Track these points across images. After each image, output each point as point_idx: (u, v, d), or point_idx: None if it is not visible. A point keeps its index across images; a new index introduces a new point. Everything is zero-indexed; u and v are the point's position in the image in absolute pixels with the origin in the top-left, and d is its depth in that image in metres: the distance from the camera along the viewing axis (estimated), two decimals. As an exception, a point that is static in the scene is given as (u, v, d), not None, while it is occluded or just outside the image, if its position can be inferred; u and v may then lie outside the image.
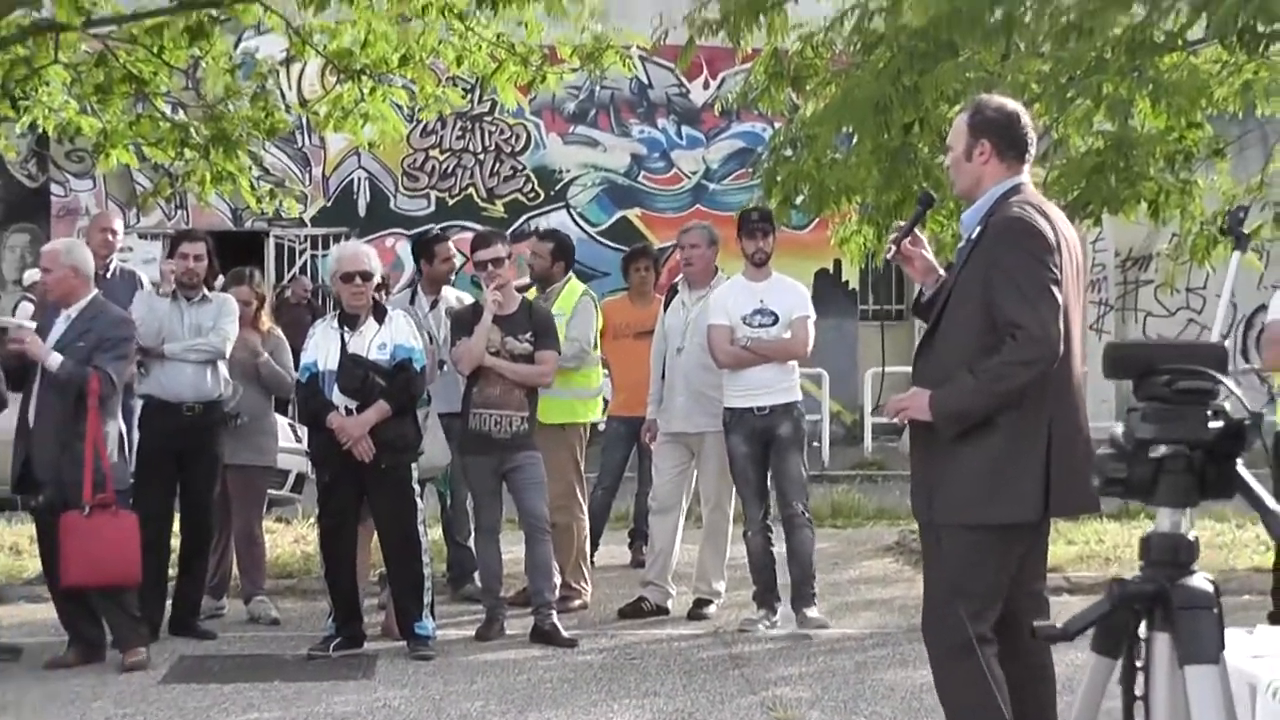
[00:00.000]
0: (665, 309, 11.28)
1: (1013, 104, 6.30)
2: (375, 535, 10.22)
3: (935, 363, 6.08)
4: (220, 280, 10.99)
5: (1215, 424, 3.07)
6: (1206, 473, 3.10)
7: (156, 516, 10.00)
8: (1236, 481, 3.07)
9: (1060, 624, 3.33)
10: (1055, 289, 5.83)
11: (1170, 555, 3.16)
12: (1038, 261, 5.85)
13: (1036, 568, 6.28)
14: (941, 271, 6.37)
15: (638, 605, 11.13)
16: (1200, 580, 3.14)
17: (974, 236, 6.04)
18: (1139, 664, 3.27)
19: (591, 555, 11.87)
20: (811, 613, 10.49)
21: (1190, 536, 3.17)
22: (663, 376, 11.16)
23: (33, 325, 9.53)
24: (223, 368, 10.54)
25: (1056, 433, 5.89)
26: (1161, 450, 3.10)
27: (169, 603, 10.49)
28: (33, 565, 11.42)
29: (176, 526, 10.62)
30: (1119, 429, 3.17)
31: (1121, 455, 3.15)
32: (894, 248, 6.38)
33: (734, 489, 10.92)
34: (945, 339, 6.07)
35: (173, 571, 10.73)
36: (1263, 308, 9.52)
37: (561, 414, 11.17)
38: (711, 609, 11.00)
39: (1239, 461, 3.09)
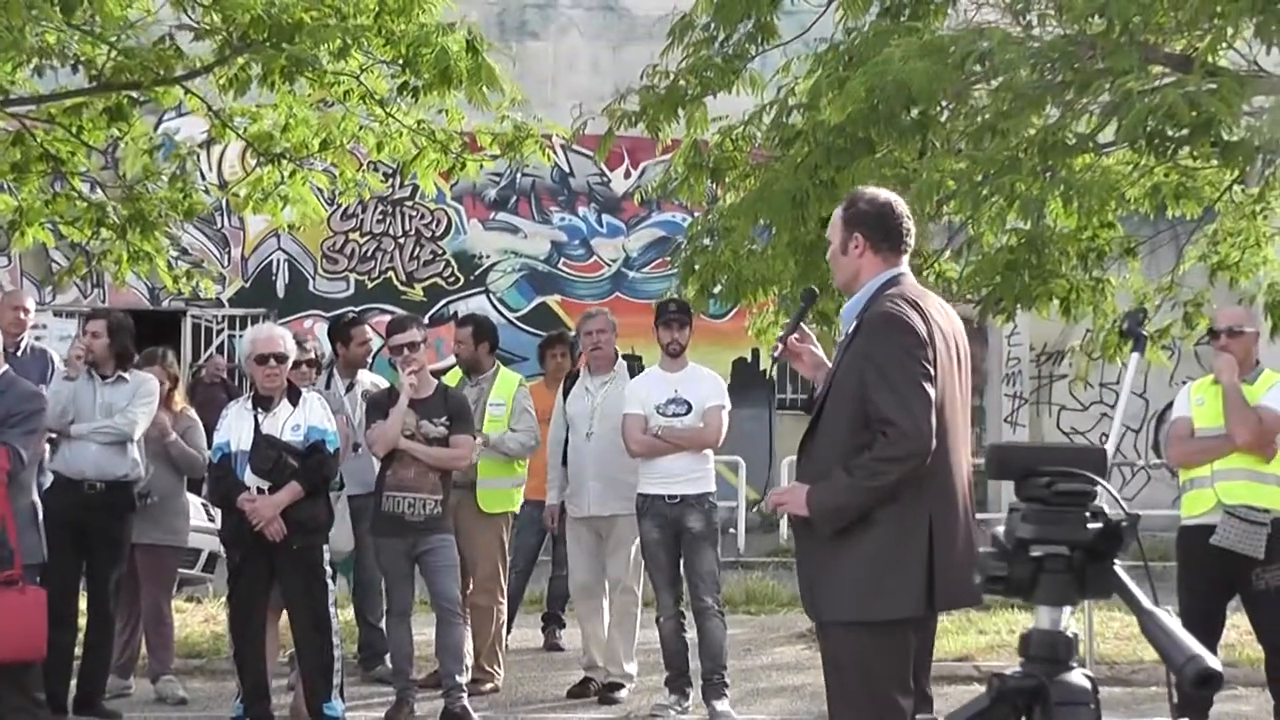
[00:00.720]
0: (565, 396, 11.35)
1: (886, 195, 6.26)
2: (285, 615, 10.20)
3: (815, 458, 6.01)
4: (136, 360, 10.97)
5: (1094, 525, 3.14)
6: (1085, 572, 3.16)
7: (60, 593, 9.88)
8: (1114, 581, 3.14)
9: (943, 717, 3.39)
10: (927, 384, 5.78)
11: (1049, 651, 3.22)
12: (909, 356, 5.80)
13: (923, 663, 6.23)
14: (829, 365, 6.31)
15: (584, 686, 11.28)
16: (1078, 676, 3.19)
17: (850, 330, 6.03)
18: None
19: (505, 638, 11.88)
20: (721, 705, 10.50)
21: (1069, 633, 3.24)
22: (563, 463, 11.24)
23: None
24: (133, 450, 10.51)
25: (938, 526, 5.82)
26: (1041, 550, 3.18)
27: (74, 681, 10.42)
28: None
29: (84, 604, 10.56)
30: (1000, 529, 3.24)
31: (1003, 554, 3.21)
32: (780, 345, 6.39)
33: (642, 572, 11.01)
34: (824, 434, 6.00)
35: (77, 650, 10.68)
36: (1171, 404, 9.69)
37: (499, 503, 11.27)
38: (623, 693, 11.04)
39: (1116, 561, 3.17)
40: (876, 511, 5.80)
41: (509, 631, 12.11)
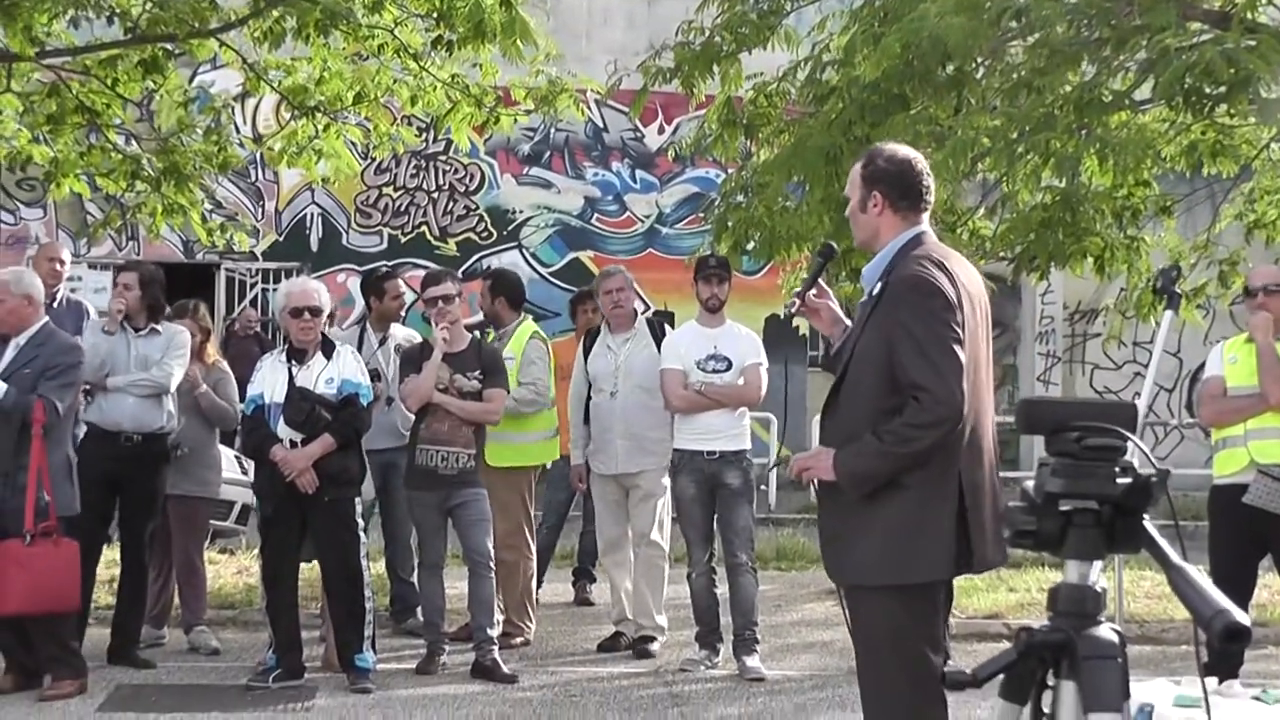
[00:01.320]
0: (585, 354, 11.35)
1: (906, 151, 6.16)
2: (317, 567, 10.26)
3: (840, 421, 5.94)
4: (168, 313, 11.00)
5: (1123, 480, 3.14)
6: (1114, 527, 3.16)
7: (87, 546, 9.92)
8: (1143, 536, 3.14)
9: (970, 670, 3.39)
10: (958, 349, 5.70)
11: (1077, 606, 3.22)
12: (940, 321, 5.71)
13: (944, 617, 6.26)
14: (848, 322, 6.26)
15: (614, 640, 11.33)
16: (1106, 630, 3.19)
17: (875, 292, 5.92)
18: (1045, 711, 3.32)
19: (536, 592, 11.92)
20: (751, 661, 10.51)
21: (1098, 588, 3.23)
22: (585, 420, 11.25)
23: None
24: (168, 402, 10.56)
25: (967, 489, 5.77)
26: (1070, 505, 3.17)
27: (107, 631, 10.49)
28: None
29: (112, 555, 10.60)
30: (1030, 483, 3.24)
31: (1032, 509, 3.20)
32: (797, 301, 6.32)
33: (666, 524, 11.06)
34: (849, 398, 5.92)
35: (111, 600, 10.75)
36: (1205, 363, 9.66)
37: (513, 458, 11.24)
38: (655, 645, 11.07)
39: (1145, 516, 3.16)
40: (906, 475, 5.74)
41: (539, 586, 12.14)
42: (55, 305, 11.37)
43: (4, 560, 9.09)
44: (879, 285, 5.92)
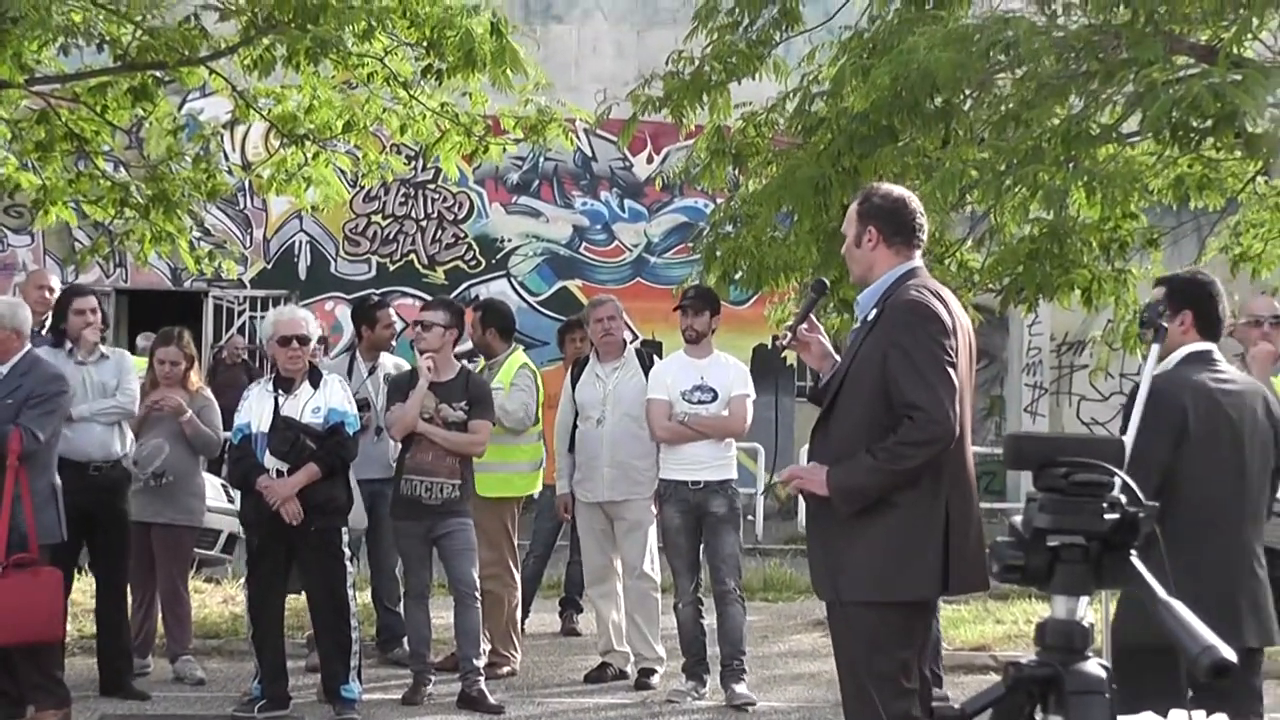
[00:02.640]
0: (574, 383, 11.35)
1: (900, 191, 6.35)
2: (304, 597, 10.23)
3: (831, 441, 6.08)
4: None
5: (1110, 515, 3.15)
6: (1102, 562, 3.17)
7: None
8: (1130, 571, 3.15)
9: (958, 705, 3.39)
10: (952, 371, 5.86)
11: (1065, 641, 3.22)
12: (936, 344, 5.88)
13: (927, 644, 6.31)
14: (836, 357, 6.39)
15: (601, 671, 11.30)
16: (1093, 666, 3.20)
17: (870, 318, 6.07)
18: (1033, 746, 3.33)
19: (522, 622, 11.91)
20: (739, 689, 10.51)
21: (1084, 623, 3.24)
22: (571, 449, 11.24)
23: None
24: (125, 426, 10.56)
25: (954, 510, 5.92)
26: (1058, 540, 3.18)
27: (92, 661, 10.46)
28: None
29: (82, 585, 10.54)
30: (1018, 518, 3.25)
31: (1019, 544, 3.22)
32: (789, 335, 6.42)
33: (656, 555, 11.05)
34: (841, 420, 6.06)
35: (92, 629, 10.72)
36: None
37: (498, 488, 11.24)
38: (656, 678, 11.05)
39: (1132, 551, 3.17)
40: (896, 494, 5.89)
41: (526, 616, 12.13)
42: (43, 332, 11.35)
43: (-22, 593, 9.02)
44: (874, 311, 6.07)
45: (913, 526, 5.88)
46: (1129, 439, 5.94)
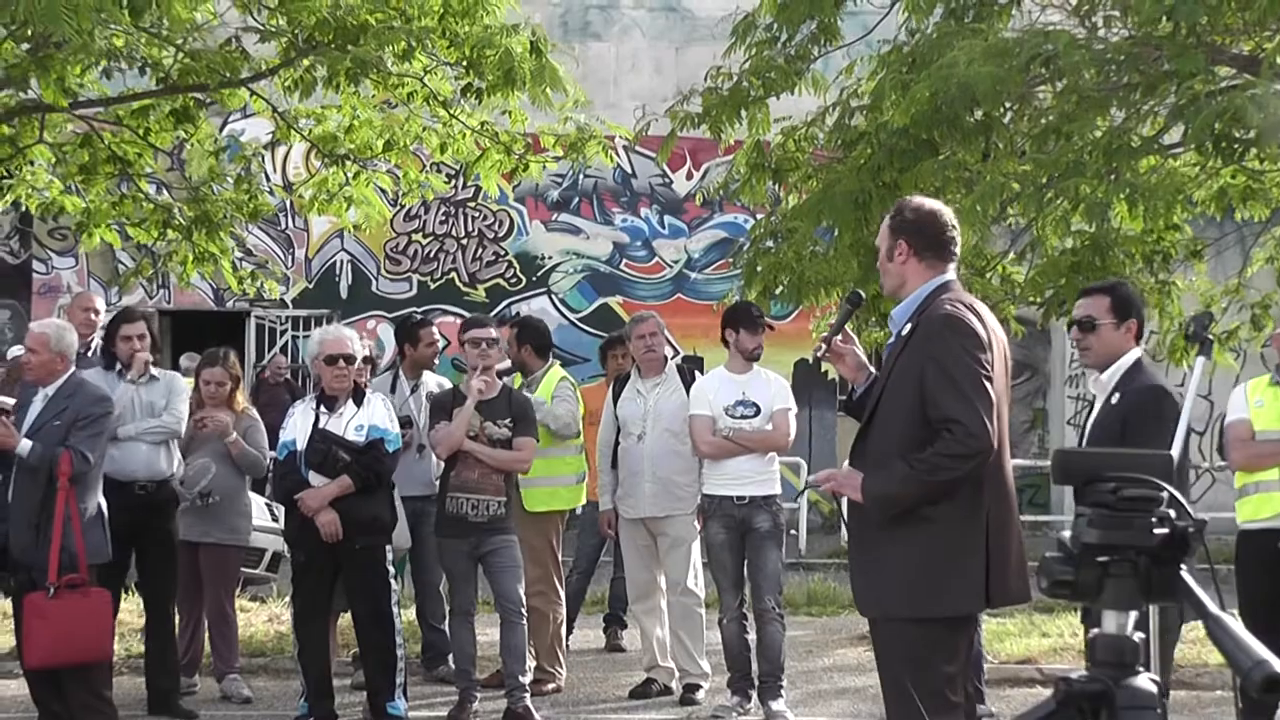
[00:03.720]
0: (615, 399, 11.36)
1: (933, 204, 6.34)
2: (348, 615, 10.26)
3: (869, 456, 6.07)
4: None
5: (1160, 530, 3.15)
6: (1151, 577, 3.17)
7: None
8: (1180, 586, 3.14)
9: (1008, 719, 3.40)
10: (989, 385, 5.85)
11: (1116, 656, 3.22)
12: (973, 358, 5.86)
13: (969, 659, 6.34)
14: (872, 369, 6.40)
15: (646, 686, 11.32)
16: (1144, 681, 3.19)
17: (905, 333, 6.07)
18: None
19: (566, 639, 11.92)
20: (777, 705, 10.50)
21: (1135, 638, 3.24)
22: (613, 465, 11.26)
23: (11, 402, 9.53)
24: (173, 446, 10.63)
25: (994, 524, 5.91)
26: (1107, 555, 3.18)
27: (140, 680, 10.52)
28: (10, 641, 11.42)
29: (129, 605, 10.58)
30: (1066, 533, 3.25)
31: (1069, 559, 3.21)
32: (824, 346, 6.39)
33: (700, 571, 11.05)
34: (878, 433, 6.06)
35: (139, 648, 10.76)
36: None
37: (543, 502, 11.27)
38: (701, 693, 11.04)
39: (1183, 566, 3.17)
40: (936, 509, 5.87)
41: (570, 633, 12.14)
42: (89, 354, 11.41)
43: (28, 613, 9.06)
44: (908, 326, 6.06)
45: (954, 541, 5.88)
46: (1175, 451, 5.93)
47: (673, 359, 11.94)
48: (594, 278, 23.45)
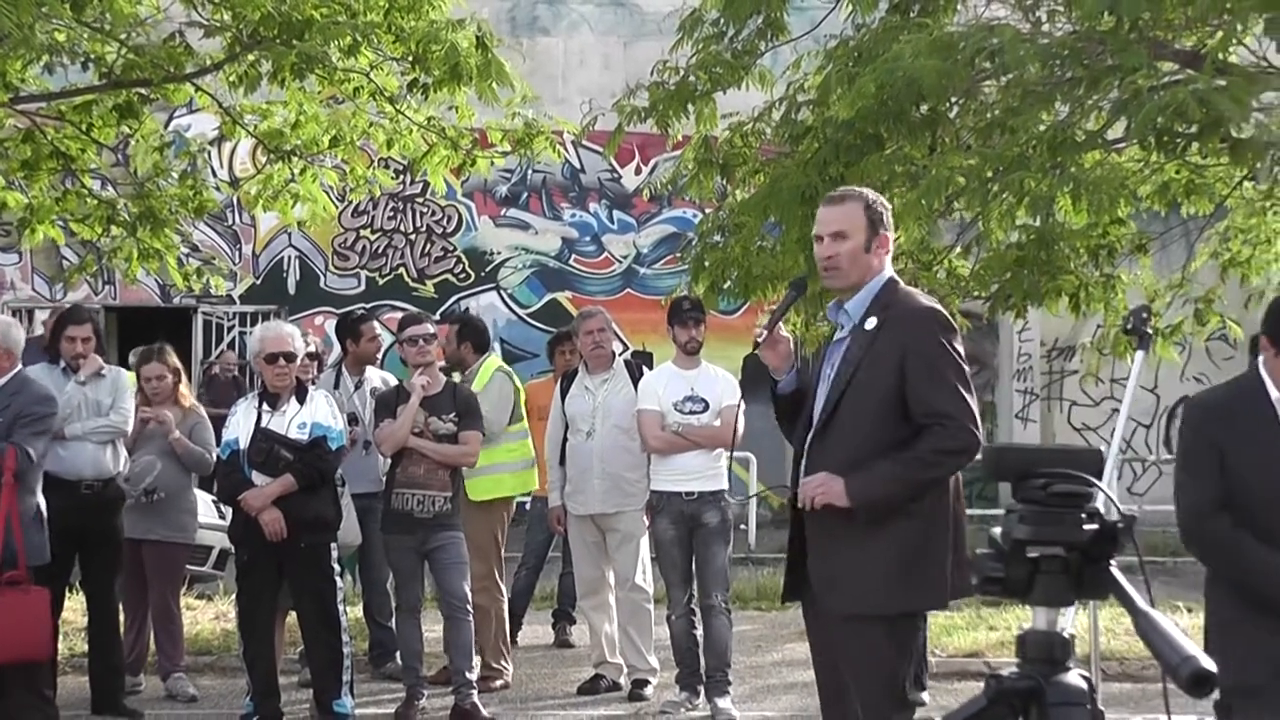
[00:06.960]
0: (563, 395, 11.34)
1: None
2: (294, 613, 10.22)
3: (835, 452, 5.96)
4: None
5: (1090, 526, 3.15)
6: (1082, 573, 3.17)
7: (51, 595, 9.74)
8: (1109, 582, 3.15)
9: (940, 717, 3.39)
10: (969, 379, 5.87)
11: (1046, 653, 3.22)
12: (958, 353, 5.88)
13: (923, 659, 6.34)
14: (796, 363, 6.36)
15: (595, 682, 11.35)
16: (1074, 677, 3.20)
17: (871, 326, 5.99)
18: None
19: (514, 635, 11.90)
20: (723, 703, 10.52)
21: (1065, 634, 3.24)
22: (561, 461, 11.24)
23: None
24: (120, 445, 10.56)
25: (957, 520, 5.93)
26: (1037, 551, 3.18)
27: (83, 679, 10.45)
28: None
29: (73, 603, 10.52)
30: (997, 530, 3.24)
31: (999, 555, 3.21)
32: (766, 332, 6.35)
33: (649, 567, 11.05)
34: (845, 432, 5.95)
35: (84, 647, 10.69)
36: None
37: (488, 490, 11.24)
38: (649, 689, 11.05)
39: (1112, 563, 3.17)
40: (912, 504, 5.84)
41: (518, 629, 12.12)
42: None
43: (-31, 612, 9.00)
44: (872, 320, 5.98)
45: (927, 536, 5.86)
46: (1115, 443, 5.96)
47: (623, 354, 11.92)
48: (543, 273, 23.42)
